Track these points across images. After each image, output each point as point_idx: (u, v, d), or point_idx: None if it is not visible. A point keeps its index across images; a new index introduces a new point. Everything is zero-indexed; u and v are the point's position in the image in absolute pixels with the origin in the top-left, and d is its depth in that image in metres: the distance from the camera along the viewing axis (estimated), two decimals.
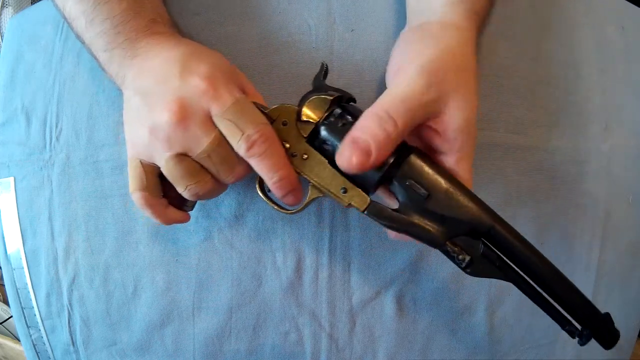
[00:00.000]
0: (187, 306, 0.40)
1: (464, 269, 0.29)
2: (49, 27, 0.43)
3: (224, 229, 0.39)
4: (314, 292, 0.40)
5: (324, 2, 0.41)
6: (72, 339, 0.42)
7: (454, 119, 0.29)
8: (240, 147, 0.29)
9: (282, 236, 0.39)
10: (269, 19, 0.41)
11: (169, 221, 0.34)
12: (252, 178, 0.33)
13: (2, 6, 0.74)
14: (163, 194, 0.33)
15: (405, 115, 0.28)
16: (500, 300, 0.42)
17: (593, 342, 0.29)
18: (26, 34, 0.44)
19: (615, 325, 0.29)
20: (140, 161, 0.32)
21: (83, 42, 0.34)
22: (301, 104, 0.32)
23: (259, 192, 0.34)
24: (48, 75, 0.42)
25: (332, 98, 0.31)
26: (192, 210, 0.37)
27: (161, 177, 0.32)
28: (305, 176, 0.31)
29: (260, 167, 0.30)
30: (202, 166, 0.31)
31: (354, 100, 0.33)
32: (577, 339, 0.30)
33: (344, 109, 0.31)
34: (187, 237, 0.40)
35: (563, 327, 0.30)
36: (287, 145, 0.31)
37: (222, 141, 0.30)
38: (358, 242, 0.40)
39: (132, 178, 0.32)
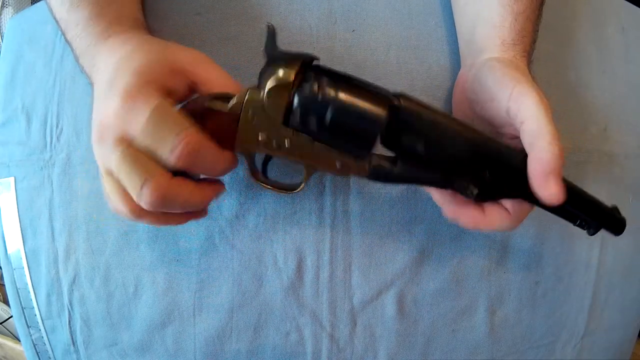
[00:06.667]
0: (188, 306, 0.40)
1: (474, 199, 0.30)
2: (49, 27, 0.43)
3: (225, 229, 0.39)
4: (314, 292, 0.40)
5: (325, 3, 0.41)
6: (72, 339, 0.42)
7: None
8: (169, 161, 0.27)
9: (283, 236, 0.39)
10: (270, 19, 0.41)
11: (206, 197, 0.31)
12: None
13: (2, 6, 0.74)
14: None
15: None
16: (500, 300, 0.42)
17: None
18: (26, 34, 0.44)
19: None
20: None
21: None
22: (262, 83, 0.28)
23: (254, 180, 0.33)
24: (48, 75, 0.42)
25: (296, 67, 0.27)
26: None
27: None
28: (294, 161, 0.30)
29: (198, 170, 0.29)
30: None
31: (317, 59, 0.29)
32: (586, 230, 0.32)
33: (314, 76, 0.27)
34: (188, 237, 0.40)
35: (574, 223, 0.32)
36: (264, 137, 0.29)
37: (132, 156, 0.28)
38: (359, 242, 0.40)
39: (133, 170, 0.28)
